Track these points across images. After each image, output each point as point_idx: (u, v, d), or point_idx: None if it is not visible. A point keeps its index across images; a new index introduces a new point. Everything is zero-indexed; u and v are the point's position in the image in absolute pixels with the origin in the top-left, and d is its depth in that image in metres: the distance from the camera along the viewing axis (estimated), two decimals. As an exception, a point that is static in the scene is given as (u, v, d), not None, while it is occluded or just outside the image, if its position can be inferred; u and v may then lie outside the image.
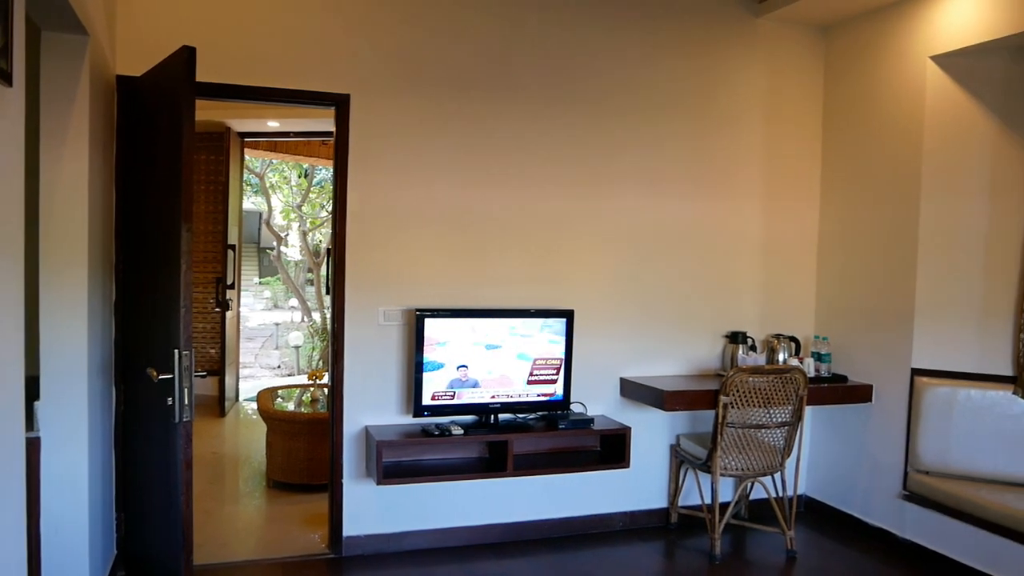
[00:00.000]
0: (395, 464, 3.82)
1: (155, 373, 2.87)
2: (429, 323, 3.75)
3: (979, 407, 3.90)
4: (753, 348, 4.41)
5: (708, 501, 4.11)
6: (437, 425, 3.80)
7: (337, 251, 3.81)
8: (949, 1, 3.87)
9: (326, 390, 5.05)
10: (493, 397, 3.89)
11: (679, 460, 4.31)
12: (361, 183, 3.79)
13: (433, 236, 3.92)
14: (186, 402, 2.76)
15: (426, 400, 3.78)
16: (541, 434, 3.88)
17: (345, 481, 3.86)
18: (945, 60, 3.95)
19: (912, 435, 4.05)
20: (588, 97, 4.14)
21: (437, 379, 3.79)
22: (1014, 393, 3.83)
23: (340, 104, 3.75)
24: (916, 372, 4.07)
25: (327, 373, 4.18)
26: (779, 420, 3.92)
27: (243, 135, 7.31)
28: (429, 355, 3.77)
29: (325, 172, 12.06)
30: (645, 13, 4.23)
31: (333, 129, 3.80)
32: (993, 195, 3.92)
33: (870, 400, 4.29)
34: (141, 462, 3.37)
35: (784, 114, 4.59)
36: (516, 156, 4.03)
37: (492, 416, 3.92)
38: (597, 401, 4.25)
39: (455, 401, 3.83)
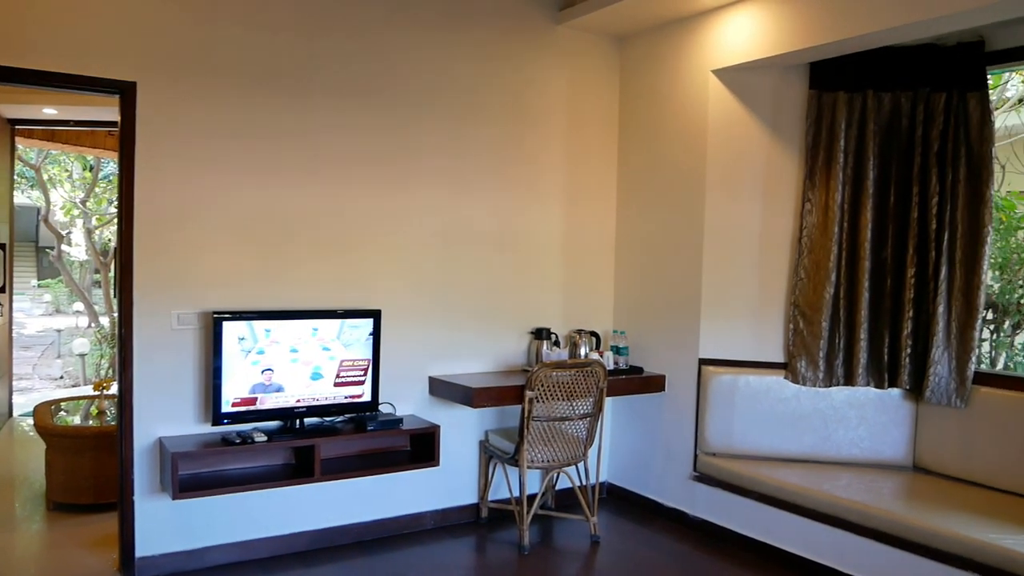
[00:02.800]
0: (193, 476, 3.60)
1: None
2: (228, 326, 3.58)
3: (757, 392, 4.27)
4: (557, 344, 4.57)
5: (516, 494, 4.21)
6: (239, 433, 3.63)
7: (123, 251, 3.54)
8: (727, 21, 4.20)
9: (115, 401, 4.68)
10: (299, 401, 3.78)
11: (488, 455, 4.39)
12: (151, 178, 3.54)
13: (233, 235, 3.74)
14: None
15: (226, 407, 3.60)
16: (349, 437, 3.82)
17: (137, 498, 3.60)
18: (725, 74, 4.28)
19: (700, 420, 4.37)
20: (396, 96, 4.12)
21: (238, 385, 3.62)
22: (785, 378, 4.24)
23: (125, 92, 3.48)
24: (703, 362, 4.39)
25: (115, 383, 3.87)
26: (581, 412, 4.09)
27: (14, 122, 6.62)
28: (229, 360, 3.59)
29: (115, 165, 11.18)
30: (451, 16, 4.26)
31: (118, 119, 3.53)
32: (766, 198, 4.31)
33: (663, 389, 4.58)
34: None
35: (584, 119, 4.79)
36: (323, 154, 3.94)
37: (298, 421, 3.80)
38: (406, 401, 4.24)
39: (258, 407, 3.68)
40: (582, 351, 4.54)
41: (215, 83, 3.66)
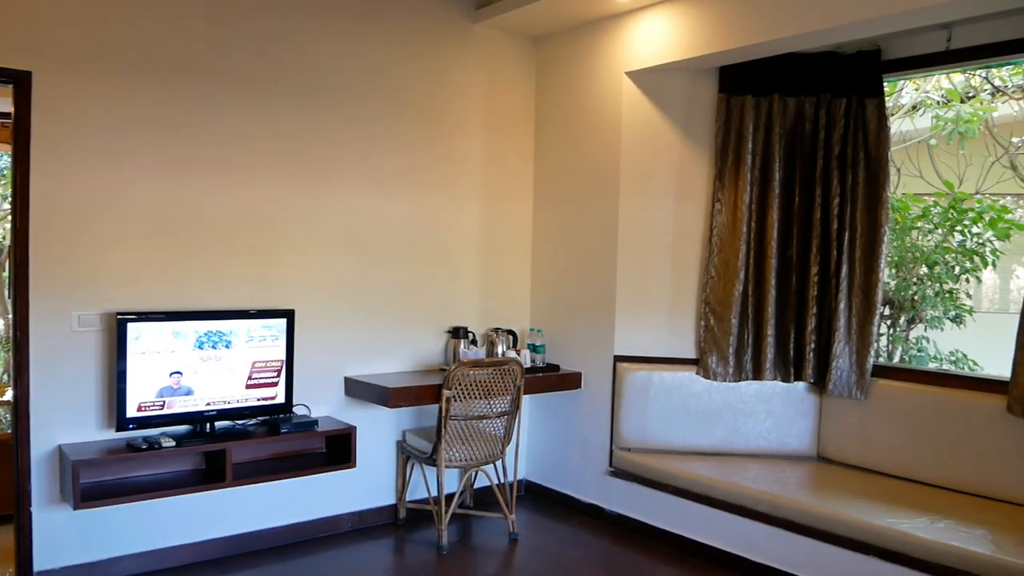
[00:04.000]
0: (96, 485, 3.45)
1: None
2: (133, 328, 3.44)
3: (670, 387, 4.37)
4: (474, 342, 4.58)
5: (435, 493, 4.20)
6: (145, 438, 3.49)
7: (18, 249, 3.36)
8: (640, 24, 4.28)
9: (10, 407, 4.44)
10: (208, 404, 3.66)
11: (406, 455, 4.36)
12: (49, 172, 3.37)
13: (138, 233, 3.60)
14: None
15: (131, 412, 3.47)
16: (262, 440, 3.73)
17: (35, 508, 3.42)
18: (638, 76, 4.36)
19: (616, 416, 4.45)
20: (311, 92, 4.04)
21: (144, 388, 3.49)
22: (697, 373, 4.35)
23: (20, 81, 3.31)
24: (618, 359, 4.46)
25: (9, 388, 3.68)
26: (499, 410, 4.11)
27: None
28: (134, 363, 3.46)
29: (7, 159, 10.60)
30: (367, 12, 4.21)
31: (11, 110, 3.35)
32: (678, 198, 4.41)
33: (580, 387, 4.64)
34: None
35: (501, 118, 4.80)
36: (234, 150, 3.83)
37: (208, 425, 3.69)
38: (322, 402, 4.16)
39: (166, 411, 3.55)
40: (499, 349, 4.55)
41: (118, 73, 3.51)
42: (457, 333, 4.53)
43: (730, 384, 4.32)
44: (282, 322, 3.84)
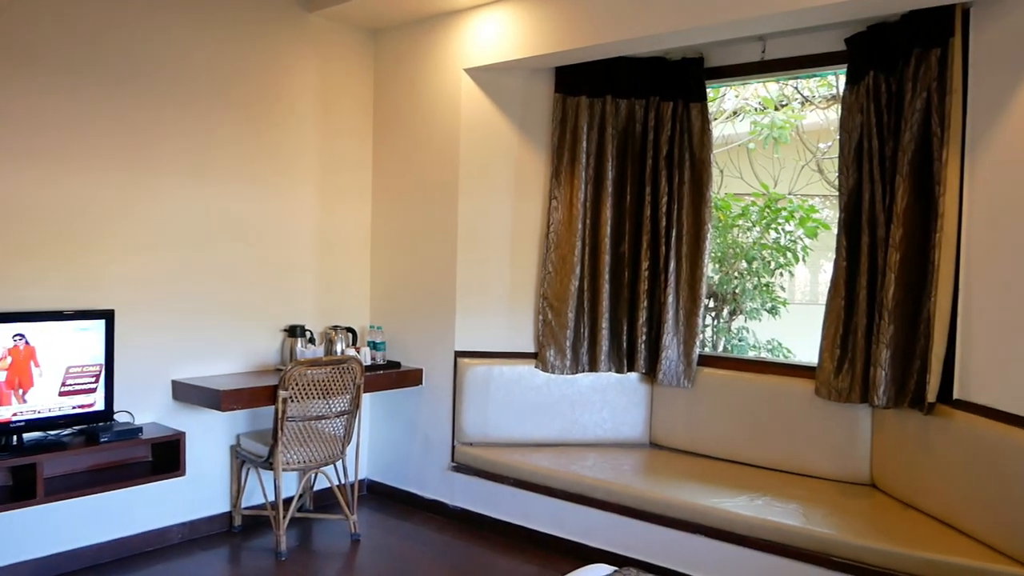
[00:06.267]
0: None
1: None
2: (-77, 333, 3.11)
3: (510, 381, 4.44)
4: (312, 341, 4.46)
5: (272, 498, 4.06)
6: (-61, 454, 3.17)
7: None
8: (478, 21, 4.31)
9: None
10: (15, 415, 3.36)
11: (240, 460, 4.19)
12: None
13: (-73, 228, 3.25)
14: None
15: (-78, 426, 3.13)
16: (79, 451, 3.46)
17: None
18: (477, 73, 4.40)
19: (457, 412, 4.47)
20: (129, 75, 3.78)
21: (-63, 399, 3.16)
22: (536, 367, 4.45)
23: None
24: (459, 354, 4.49)
25: None
26: (339, 410, 4.03)
27: None
28: (-75, 371, 3.12)
29: None
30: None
31: None
32: (516, 195, 4.49)
33: (421, 383, 4.63)
34: None
35: (338, 111, 4.70)
36: (47, 135, 3.51)
37: (15, 437, 3.39)
38: (147, 408, 3.92)
39: (-36, 424, 3.23)
40: (338, 348, 4.46)
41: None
42: (294, 331, 4.39)
43: (568, 376, 4.44)
44: (101, 323, 3.58)
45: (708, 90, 4.24)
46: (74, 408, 3.52)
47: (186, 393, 3.96)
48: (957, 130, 3.31)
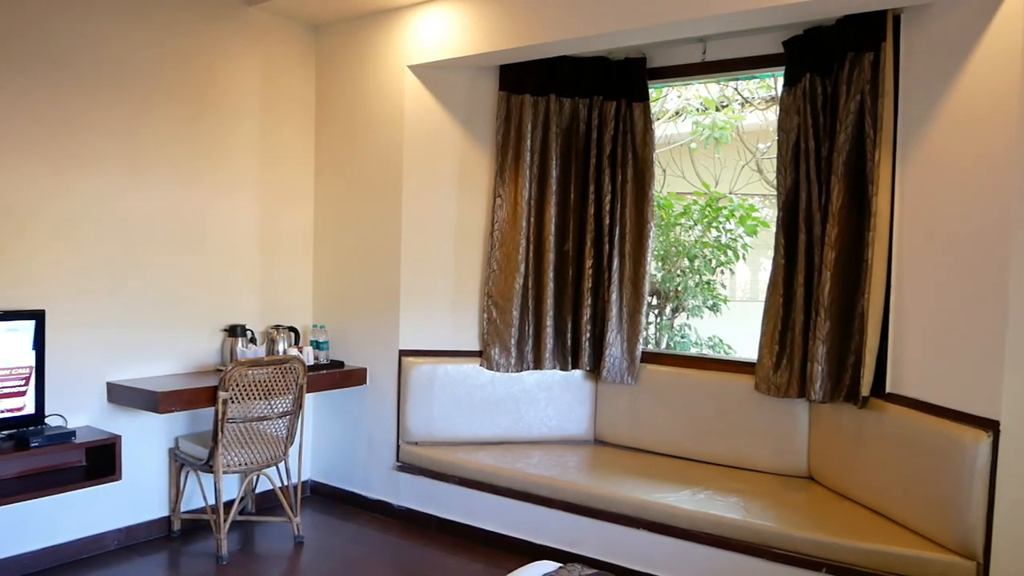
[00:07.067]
0: None
1: None
2: None
3: (455, 380, 4.43)
4: (253, 340, 4.38)
5: (212, 502, 3.98)
6: None
7: None
8: (421, 18, 4.29)
9: None
10: (-60, 419, 3.23)
11: (180, 463, 4.10)
12: None
13: None
14: None
15: None
16: (8, 456, 3.34)
17: None
18: (421, 70, 4.37)
19: (402, 411, 4.44)
20: (56, 66, 3.65)
21: None
22: (481, 365, 4.44)
23: None
24: (404, 353, 4.46)
25: None
26: (281, 410, 3.97)
27: None
28: None
29: None
30: (125, -15, 3.89)
31: None
32: (461, 193, 4.48)
33: (365, 382, 4.59)
34: None
35: (279, 107, 4.63)
36: (-37, 131, 3.40)
37: (-61, 442, 3.26)
38: (81, 411, 3.81)
39: None
40: (280, 347, 4.40)
41: None
42: (234, 331, 4.31)
43: (513, 374, 4.45)
44: (30, 324, 3.46)
45: (651, 90, 4.29)
46: (2, 412, 3.40)
47: (122, 395, 3.86)
48: (889, 132, 3.42)
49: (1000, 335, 2.87)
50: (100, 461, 3.68)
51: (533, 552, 3.85)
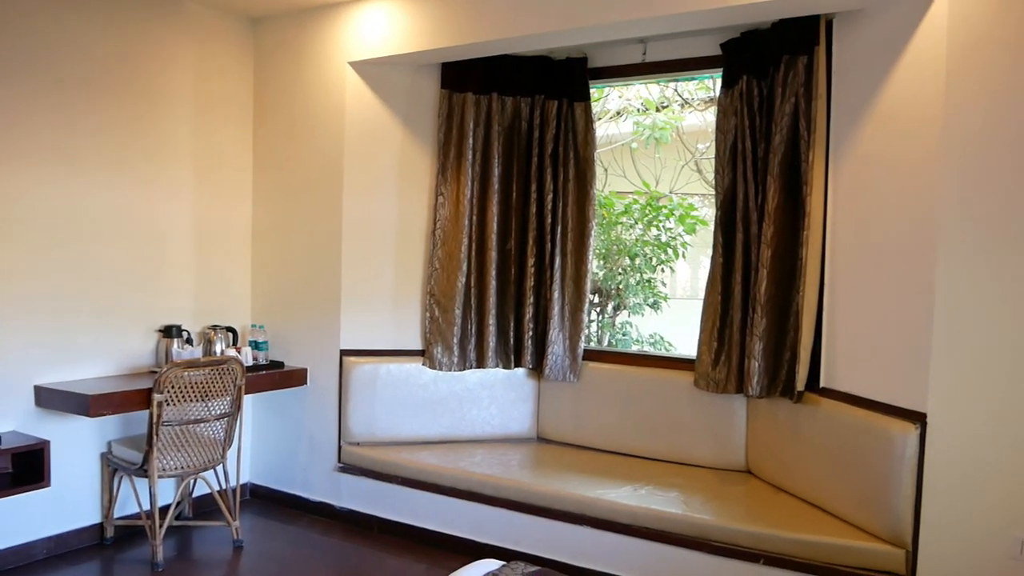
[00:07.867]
0: None
1: None
2: None
3: (397, 379, 4.40)
4: (189, 341, 4.28)
5: (147, 507, 3.87)
6: None
7: None
8: (361, 14, 4.24)
9: None
10: None
11: (112, 468, 3.98)
12: None
13: None
14: None
15: None
16: (-72, 463, 3.21)
17: None
18: (361, 67, 4.33)
19: (344, 411, 4.39)
20: (-20, 61, 3.53)
21: None
22: (423, 364, 4.42)
23: None
24: (345, 353, 4.41)
25: None
26: (218, 412, 3.89)
27: None
28: None
29: None
30: (52, -26, 3.76)
31: None
32: (402, 191, 4.45)
33: (306, 383, 4.52)
34: None
35: (216, 103, 4.52)
36: None
37: None
38: (7, 416, 3.67)
39: None
40: (218, 348, 4.31)
41: None
42: (170, 332, 4.21)
43: (455, 373, 4.44)
44: (-48, 326, 3.33)
45: (592, 90, 4.32)
46: (-78, 418, 3.26)
47: (51, 399, 3.73)
48: (822, 133, 3.51)
49: (927, 331, 2.97)
50: (28, 467, 3.56)
51: (476, 551, 3.84)
